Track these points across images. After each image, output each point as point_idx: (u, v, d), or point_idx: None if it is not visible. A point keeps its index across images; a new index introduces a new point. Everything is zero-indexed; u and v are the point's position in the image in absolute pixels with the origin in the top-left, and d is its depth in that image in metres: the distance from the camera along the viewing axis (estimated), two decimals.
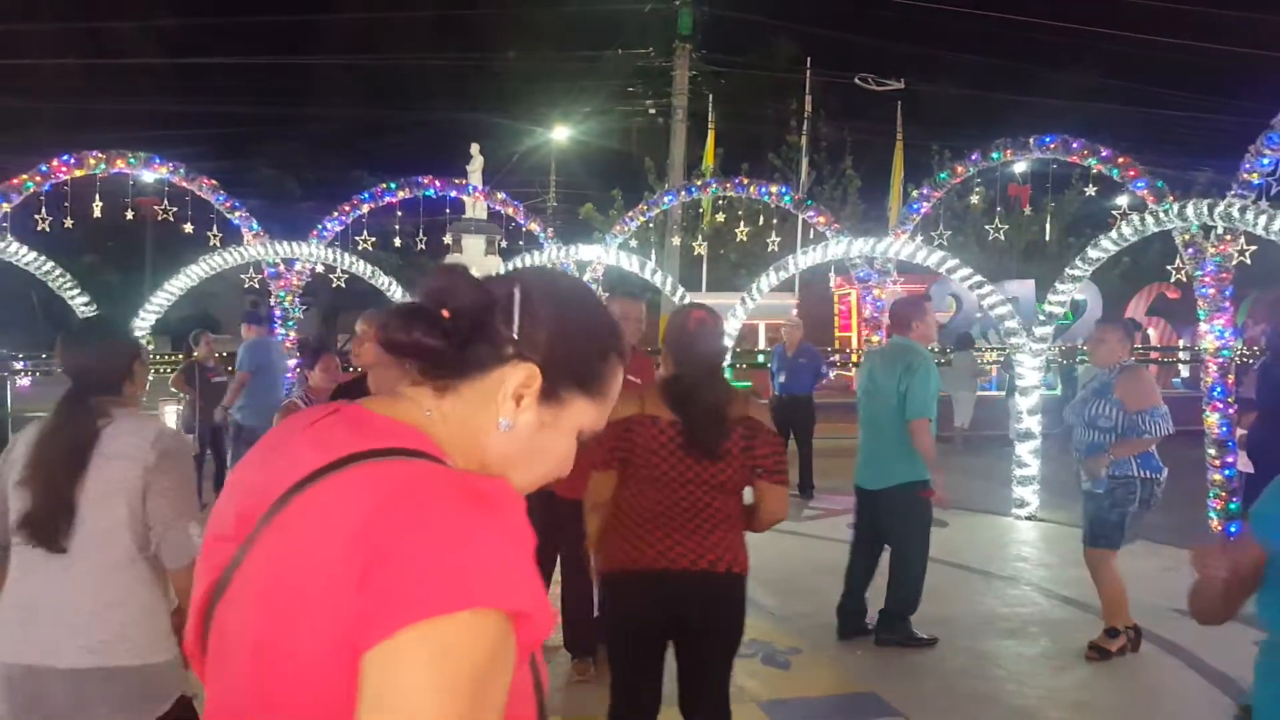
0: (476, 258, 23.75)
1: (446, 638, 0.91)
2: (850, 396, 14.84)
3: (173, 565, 2.58)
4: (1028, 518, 9.03)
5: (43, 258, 8.44)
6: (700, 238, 18.26)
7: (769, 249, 13.98)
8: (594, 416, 1.20)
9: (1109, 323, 5.96)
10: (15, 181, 9.03)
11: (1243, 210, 7.08)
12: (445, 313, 1.12)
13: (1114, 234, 8.27)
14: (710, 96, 22.70)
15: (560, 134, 31.07)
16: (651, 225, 18.39)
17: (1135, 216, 8.05)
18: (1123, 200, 11.70)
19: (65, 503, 2.50)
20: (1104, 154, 9.15)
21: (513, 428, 1.13)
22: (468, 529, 0.95)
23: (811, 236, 12.11)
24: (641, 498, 3.19)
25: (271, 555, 1.02)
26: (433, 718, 0.90)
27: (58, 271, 8.64)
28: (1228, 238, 8.00)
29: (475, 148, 25.51)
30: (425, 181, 11.56)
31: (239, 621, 1.04)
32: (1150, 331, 22.97)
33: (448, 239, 24.37)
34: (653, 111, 25.66)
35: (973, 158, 10.48)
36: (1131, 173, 8.95)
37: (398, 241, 12.11)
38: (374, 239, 11.71)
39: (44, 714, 2.47)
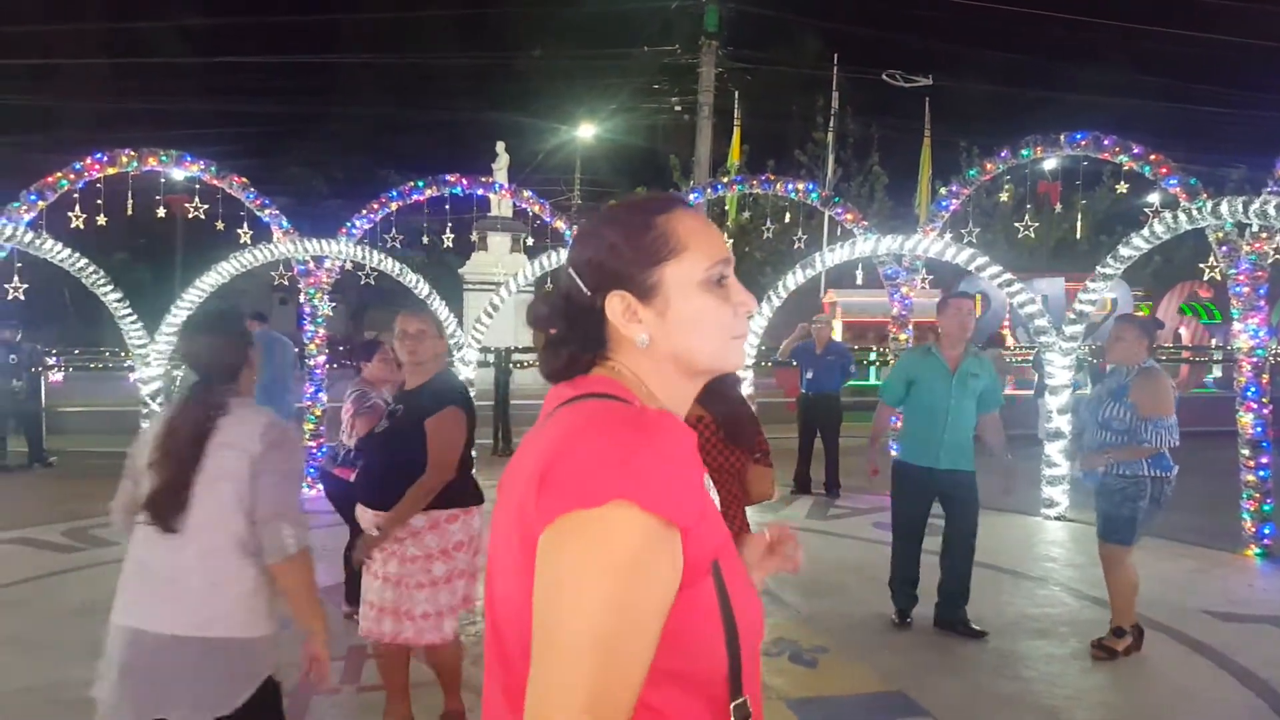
0: (502, 255, 23.96)
1: (591, 527, 1.06)
2: (874, 396, 14.82)
3: (267, 561, 2.76)
4: (1057, 518, 8.97)
5: (76, 254, 8.52)
6: (725, 235, 18.24)
7: (795, 246, 13.94)
8: (696, 266, 1.27)
9: (1127, 320, 5.83)
10: (50, 179, 9.12)
11: (1279, 208, 6.98)
12: (551, 330, 1.32)
13: (1146, 231, 8.19)
14: (736, 93, 22.64)
15: (585, 132, 31.12)
16: None
17: (1168, 214, 7.95)
18: (1154, 197, 11.56)
19: (182, 487, 2.70)
20: (1136, 151, 9.04)
21: (648, 338, 1.27)
22: (621, 441, 1.10)
23: (839, 234, 12.05)
24: None
25: (506, 488, 1.23)
26: (576, 595, 1.05)
27: (91, 268, 8.73)
28: (1263, 235, 7.89)
29: (501, 146, 25.67)
30: (452, 179, 11.59)
31: (493, 561, 1.25)
32: (1182, 331, 22.73)
33: (474, 236, 24.56)
34: (678, 109, 25.63)
35: (1002, 155, 10.39)
36: (1164, 169, 8.85)
37: (425, 239, 12.16)
38: (402, 236, 11.76)
39: (147, 676, 2.66)
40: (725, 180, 15.52)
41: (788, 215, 16.61)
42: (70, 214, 9.69)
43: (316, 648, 2.85)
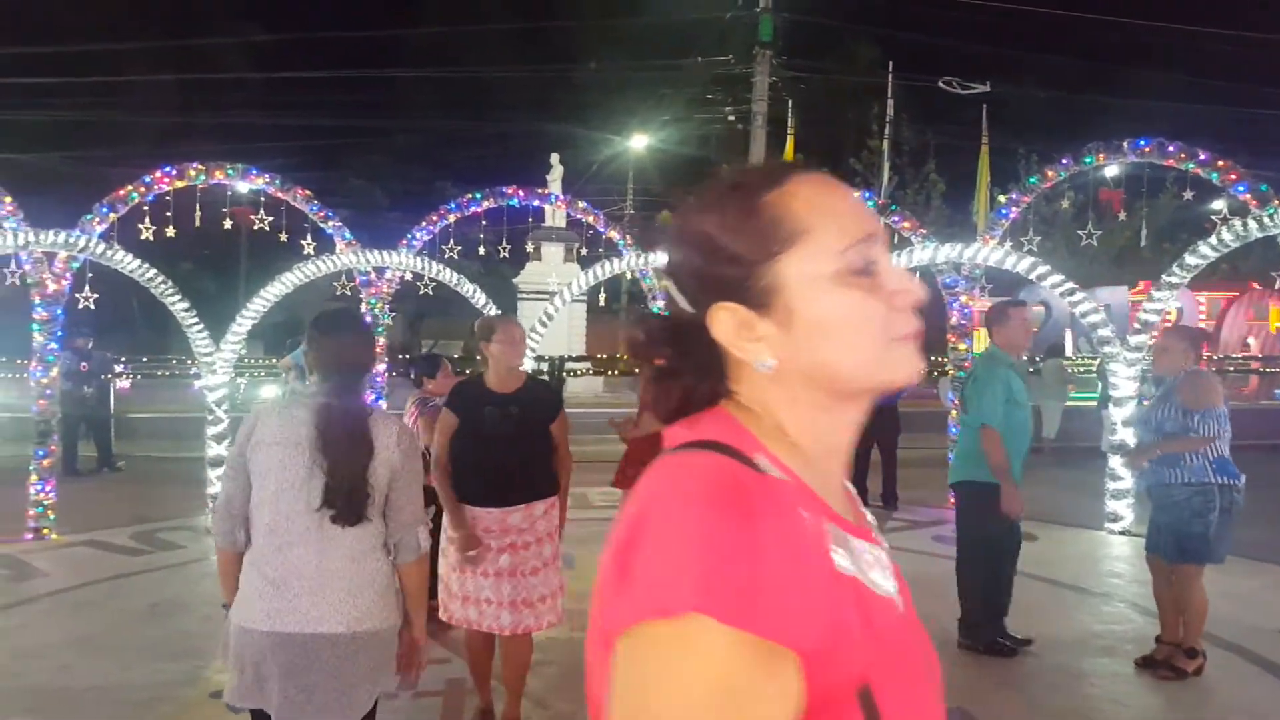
0: (555, 264, 24.12)
1: (667, 645, 0.79)
2: (936, 405, 14.69)
3: (402, 561, 2.91)
4: (1121, 532, 8.78)
5: (145, 264, 8.73)
6: None
7: None
8: (825, 252, 0.95)
9: (1174, 330, 5.83)
10: (120, 192, 9.36)
11: None
12: (658, 361, 1.02)
13: (1214, 239, 8.02)
14: (790, 102, 22.57)
15: (638, 142, 31.22)
16: None
17: (1237, 221, 7.78)
18: (1219, 204, 11.30)
19: (360, 481, 2.78)
20: (1202, 157, 8.85)
21: (773, 361, 0.96)
22: (704, 527, 0.82)
23: (896, 242, 11.95)
24: None
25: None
26: None
27: (160, 278, 8.93)
28: None
29: (555, 157, 25.87)
30: (509, 191, 11.70)
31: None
32: (1250, 340, 22.19)
33: (529, 246, 24.75)
34: (731, 118, 25.61)
35: (1064, 162, 10.23)
36: (1232, 176, 8.65)
37: (482, 250, 12.27)
38: (459, 247, 11.89)
39: (308, 676, 2.72)
40: None
41: None
42: (140, 226, 9.93)
43: (418, 635, 3.01)
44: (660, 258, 1.05)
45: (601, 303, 19.08)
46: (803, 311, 0.94)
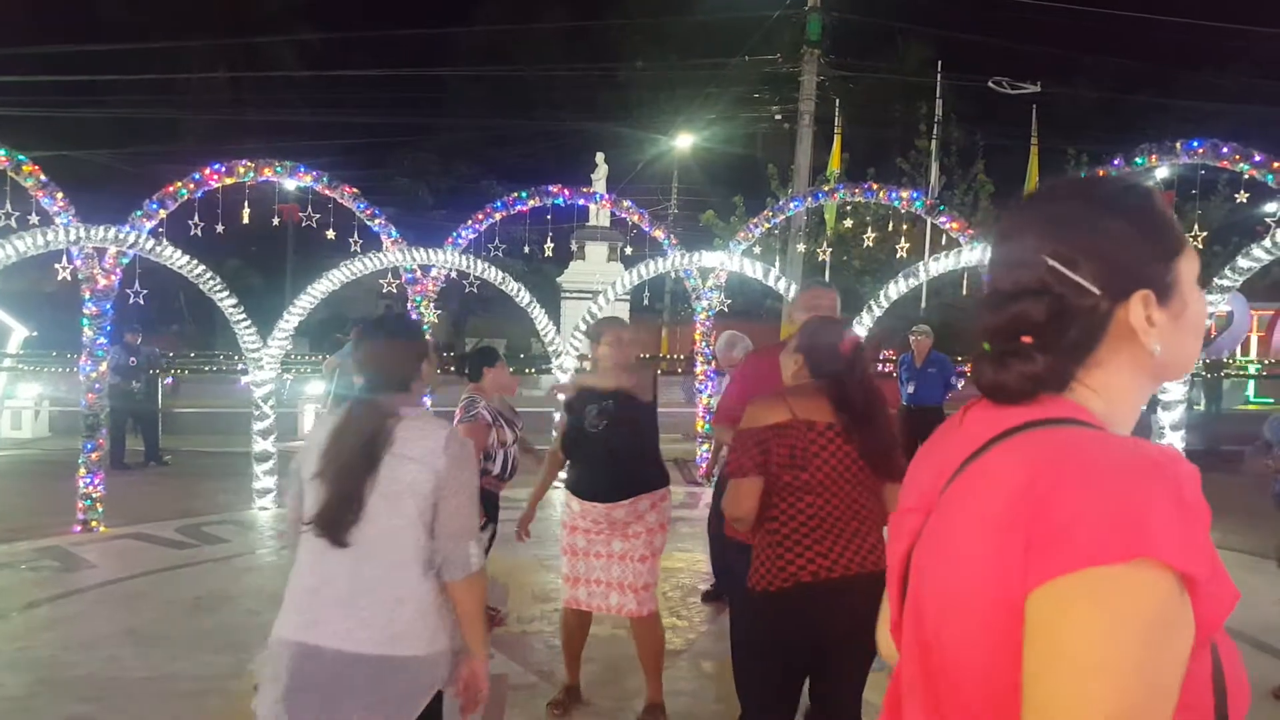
0: (599, 264, 24.15)
1: (1113, 586, 0.91)
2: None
3: (449, 578, 2.65)
4: None
5: (194, 261, 8.84)
6: (825, 244, 18.04)
7: (898, 255, 13.70)
8: (1194, 259, 1.14)
9: None
10: (170, 189, 9.47)
11: None
12: (1026, 339, 1.10)
13: (1268, 242, 7.83)
14: (837, 101, 22.40)
15: (683, 142, 31.15)
16: (775, 232, 18.22)
17: None
18: (1273, 206, 11.05)
19: (355, 498, 2.57)
20: (1258, 159, 8.65)
21: (1159, 348, 1.09)
22: (1139, 484, 0.94)
23: (944, 243, 11.81)
24: (798, 505, 3.07)
25: (948, 518, 1.09)
26: (1097, 663, 0.91)
27: (208, 274, 9.04)
28: None
29: (600, 156, 25.91)
30: (555, 190, 11.73)
31: (924, 584, 1.11)
32: None
33: (573, 245, 24.81)
34: (777, 117, 25.47)
35: (1115, 163, 10.05)
36: None
37: (526, 248, 12.32)
38: (504, 246, 11.94)
39: (322, 694, 2.55)
40: (827, 188, 15.35)
41: (890, 224, 16.35)
42: (190, 222, 10.06)
43: (478, 665, 2.76)
44: (1025, 242, 1.12)
45: (645, 302, 19.06)
46: (1191, 306, 1.11)
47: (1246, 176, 8.92)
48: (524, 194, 11.58)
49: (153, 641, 5.64)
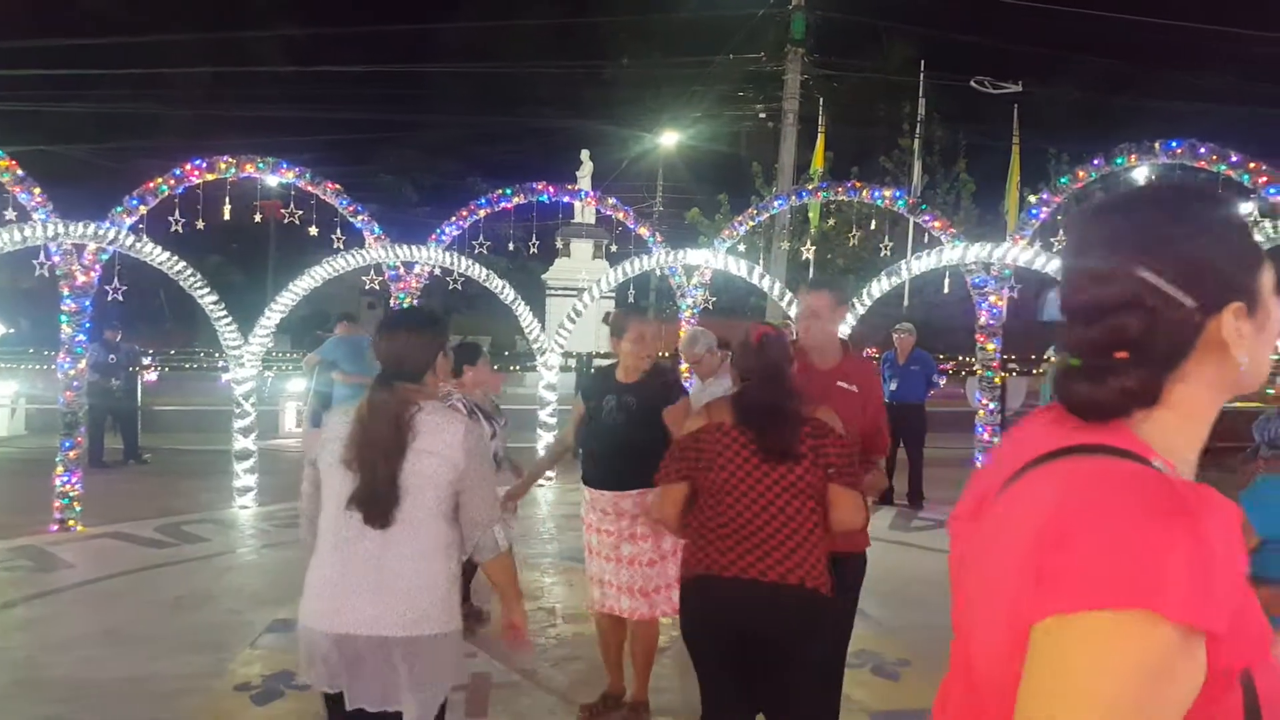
0: (584, 261, 24.10)
1: (1105, 631, 0.91)
2: (963, 405, 14.57)
3: (481, 559, 2.89)
4: None
5: (175, 257, 8.76)
6: (809, 242, 18.07)
7: (881, 254, 13.74)
8: (1270, 270, 1.12)
9: None
10: (150, 185, 9.38)
11: None
12: (1119, 355, 1.07)
13: None
14: (821, 100, 22.44)
15: (668, 139, 31.16)
16: (759, 230, 18.23)
17: (1267, 223, 7.65)
18: (1248, 207, 11.15)
19: (392, 482, 2.72)
20: (1234, 159, 8.71)
21: (1246, 360, 1.08)
22: (1157, 531, 0.92)
23: (926, 241, 11.85)
24: (718, 508, 3.15)
25: (985, 535, 1.10)
26: (1074, 704, 0.91)
27: (189, 271, 8.97)
28: None
29: (585, 154, 25.84)
30: (539, 187, 11.68)
31: (964, 597, 1.15)
32: None
33: (558, 242, 24.76)
34: (761, 115, 25.49)
35: (1095, 162, 10.10)
36: (1264, 179, 8.51)
37: (511, 245, 12.27)
38: (489, 243, 11.89)
39: (360, 675, 2.73)
40: (811, 187, 15.37)
41: (873, 223, 16.40)
42: (170, 218, 9.97)
43: (517, 618, 3.01)
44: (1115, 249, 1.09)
45: (630, 299, 19.05)
46: (1273, 316, 1.10)
47: (1224, 176, 8.98)
48: (508, 191, 11.54)
49: (131, 642, 5.59)
